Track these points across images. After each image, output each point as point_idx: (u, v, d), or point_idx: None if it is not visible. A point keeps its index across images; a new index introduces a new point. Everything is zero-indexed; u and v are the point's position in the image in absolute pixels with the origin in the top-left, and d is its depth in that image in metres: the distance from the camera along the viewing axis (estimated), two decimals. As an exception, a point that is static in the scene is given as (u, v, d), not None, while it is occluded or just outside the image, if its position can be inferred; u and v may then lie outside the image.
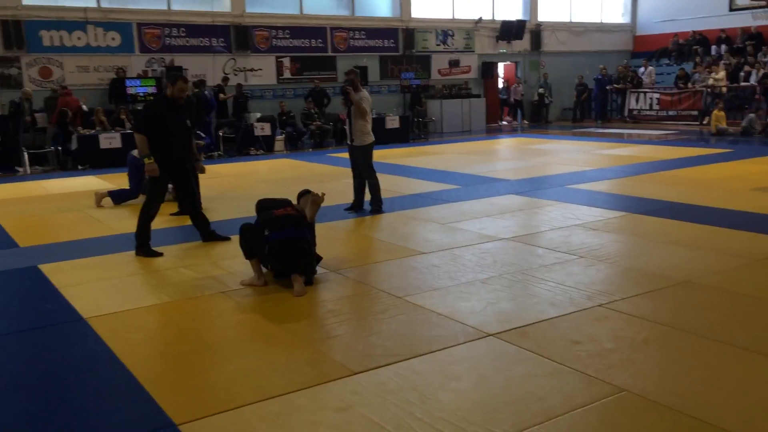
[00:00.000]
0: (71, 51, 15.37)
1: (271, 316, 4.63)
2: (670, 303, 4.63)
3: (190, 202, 6.75)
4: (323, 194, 5.48)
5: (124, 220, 7.97)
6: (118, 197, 9.09)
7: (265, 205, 5.57)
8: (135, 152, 8.93)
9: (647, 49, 24.15)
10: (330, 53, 18.80)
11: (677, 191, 8.77)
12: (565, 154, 13.54)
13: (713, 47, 21.88)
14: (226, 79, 16.59)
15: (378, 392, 3.42)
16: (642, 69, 21.69)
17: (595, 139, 16.35)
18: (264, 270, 5.36)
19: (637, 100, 20.96)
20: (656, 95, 20.53)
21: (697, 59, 21.10)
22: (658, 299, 4.71)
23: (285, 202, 5.58)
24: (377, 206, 8.04)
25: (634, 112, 20.96)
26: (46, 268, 5.95)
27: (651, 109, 20.62)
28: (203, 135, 14.65)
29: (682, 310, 4.48)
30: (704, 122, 18.61)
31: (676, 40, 23.03)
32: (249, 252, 5.33)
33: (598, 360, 3.73)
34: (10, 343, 4.28)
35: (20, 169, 13.30)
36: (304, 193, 5.60)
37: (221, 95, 16.15)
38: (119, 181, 9.53)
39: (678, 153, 12.98)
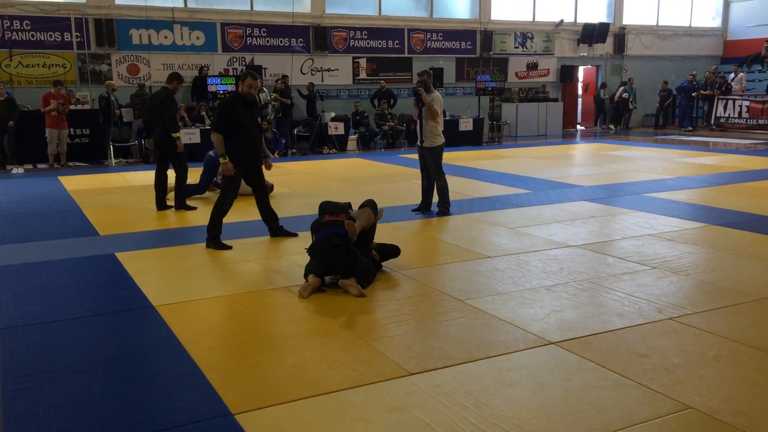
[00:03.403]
0: (158, 49, 16.02)
1: (332, 313, 4.67)
2: (746, 319, 4.41)
3: (261, 198, 6.88)
4: (381, 210, 5.63)
5: (197, 214, 8.23)
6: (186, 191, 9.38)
7: (324, 209, 5.56)
8: (212, 152, 9.21)
9: (738, 54, 23.07)
10: (406, 54, 18.84)
11: (762, 203, 8.34)
12: (644, 161, 13.09)
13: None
14: (286, 77, 16.26)
15: (432, 394, 3.40)
16: (732, 75, 20.76)
17: (677, 147, 15.75)
18: (327, 279, 5.30)
19: (725, 108, 20.08)
20: (746, 103, 19.61)
21: (793, 66, 20.09)
22: (733, 315, 4.49)
23: (342, 207, 5.53)
24: (444, 208, 7.99)
25: (721, 120, 20.09)
26: (122, 256, 6.21)
27: (740, 117, 19.71)
28: (276, 132, 14.96)
29: (757, 327, 4.25)
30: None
31: (770, 45, 21.96)
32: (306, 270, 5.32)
33: (665, 375, 3.58)
34: (85, 326, 4.48)
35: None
36: (366, 204, 5.56)
37: (272, 102, 15.40)
38: (194, 175, 9.81)
39: (767, 163, 12.34)
